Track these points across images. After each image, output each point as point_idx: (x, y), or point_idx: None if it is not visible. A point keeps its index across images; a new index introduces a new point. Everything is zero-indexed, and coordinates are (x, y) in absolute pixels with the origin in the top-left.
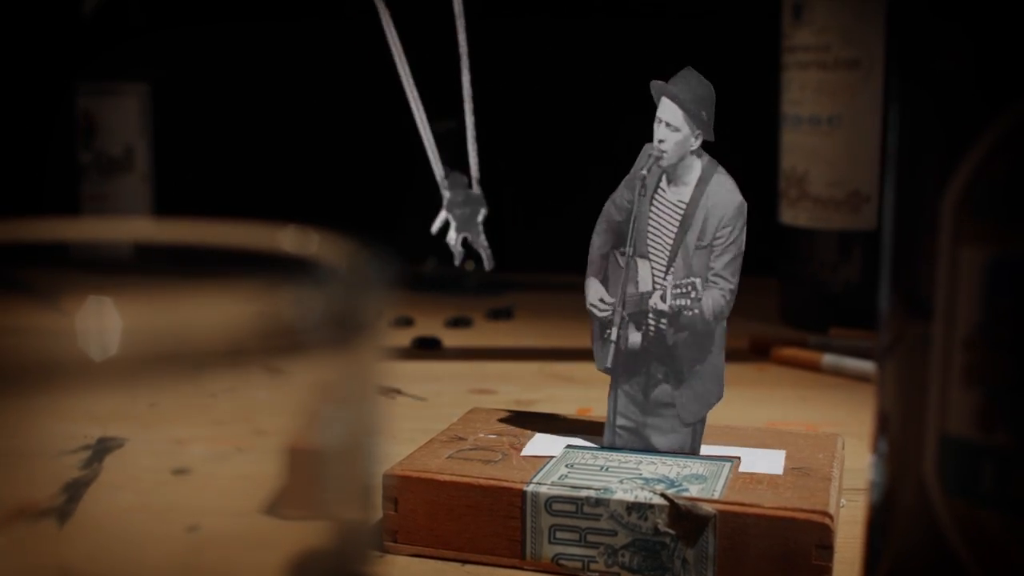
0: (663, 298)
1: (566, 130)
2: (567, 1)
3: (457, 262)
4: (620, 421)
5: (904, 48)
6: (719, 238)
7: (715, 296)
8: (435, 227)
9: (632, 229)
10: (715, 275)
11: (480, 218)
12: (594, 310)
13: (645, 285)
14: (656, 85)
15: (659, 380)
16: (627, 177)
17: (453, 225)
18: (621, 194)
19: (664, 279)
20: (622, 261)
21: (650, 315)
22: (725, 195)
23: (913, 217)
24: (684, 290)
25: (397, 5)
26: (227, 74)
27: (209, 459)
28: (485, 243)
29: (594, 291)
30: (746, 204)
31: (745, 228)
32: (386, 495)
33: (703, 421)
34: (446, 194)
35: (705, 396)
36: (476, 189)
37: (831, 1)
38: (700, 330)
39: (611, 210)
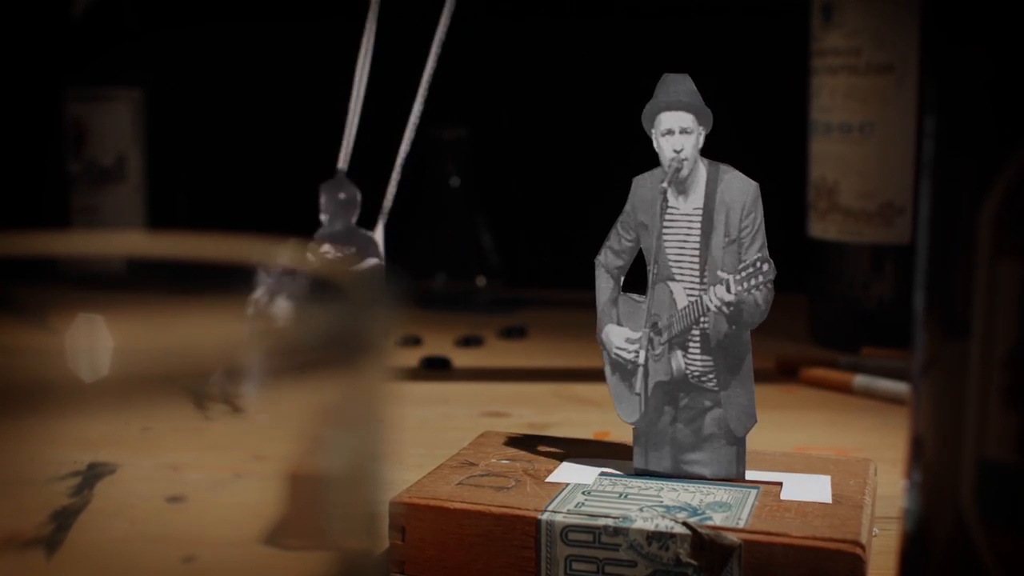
0: (728, 289)
1: (580, 139)
2: (582, 1)
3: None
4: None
5: (939, 53)
6: (745, 228)
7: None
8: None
9: (655, 250)
10: None
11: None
12: (623, 353)
13: (682, 302)
14: (651, 106)
15: (704, 409)
16: (621, 218)
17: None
18: (618, 236)
19: (699, 288)
20: (638, 298)
21: (714, 308)
22: (739, 185)
23: (949, 230)
24: (751, 270)
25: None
26: (225, 78)
27: (206, 486)
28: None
29: (617, 335)
30: (759, 187)
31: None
32: (393, 524)
33: (744, 447)
34: (323, 217)
35: (748, 408)
36: (377, 231)
37: (863, 2)
38: (751, 320)
39: (608, 258)
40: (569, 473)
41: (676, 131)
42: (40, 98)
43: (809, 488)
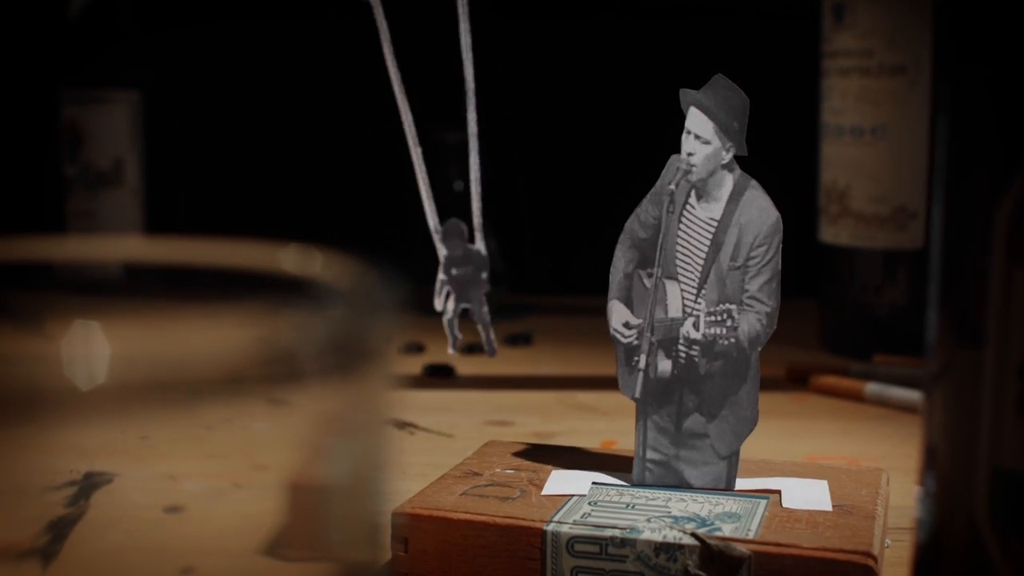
0: (696, 326)
1: (588, 143)
2: (590, 1)
3: (452, 349)
4: (650, 455)
5: (953, 53)
6: (753, 258)
7: (751, 321)
8: (438, 302)
9: (660, 248)
10: (750, 297)
11: (483, 286)
12: (618, 336)
13: (675, 310)
14: (685, 94)
15: (691, 409)
16: (653, 190)
17: (448, 293)
18: (646, 209)
19: (696, 302)
20: (648, 282)
21: (681, 342)
22: (759, 211)
23: (963, 235)
24: (719, 318)
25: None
26: (224, 79)
27: (205, 496)
28: (488, 319)
29: (617, 315)
30: (782, 221)
31: (780, 247)
32: (395, 535)
33: (737, 454)
34: (441, 250)
35: (739, 426)
36: (479, 244)
37: (874, 3)
38: (735, 358)
39: (635, 226)
40: (562, 483)
41: (692, 134)
42: (35, 100)
43: (808, 495)
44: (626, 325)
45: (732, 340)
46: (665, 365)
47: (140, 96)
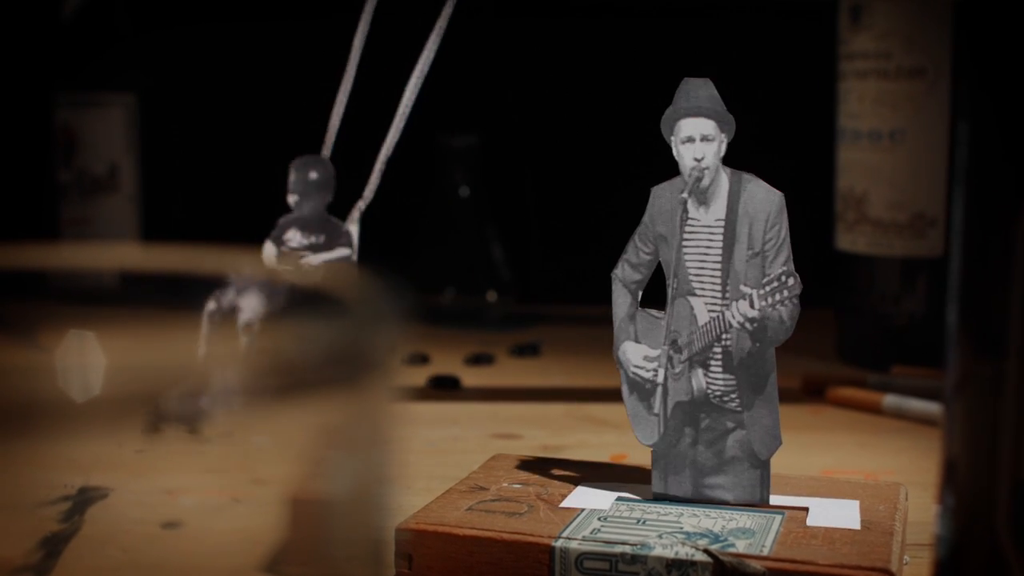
0: (751, 304)
1: (596, 147)
2: (597, 1)
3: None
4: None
5: (973, 55)
6: (770, 240)
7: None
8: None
9: (675, 264)
10: None
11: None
12: (641, 372)
13: (703, 321)
14: (672, 112)
15: (726, 430)
16: (638, 230)
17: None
18: (635, 250)
19: (722, 305)
20: (658, 314)
21: (735, 325)
22: (763, 195)
23: (984, 242)
24: (776, 283)
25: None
26: (222, 82)
27: (203, 511)
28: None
29: (635, 352)
30: (784, 197)
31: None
32: (399, 551)
33: (768, 470)
34: (291, 199)
35: (773, 430)
36: (350, 221)
37: (893, 4)
38: (776, 338)
39: (626, 272)
40: (584, 498)
41: (697, 138)
42: (29, 104)
43: (837, 513)
44: (646, 359)
45: (796, 299)
46: (701, 380)
47: (136, 99)
